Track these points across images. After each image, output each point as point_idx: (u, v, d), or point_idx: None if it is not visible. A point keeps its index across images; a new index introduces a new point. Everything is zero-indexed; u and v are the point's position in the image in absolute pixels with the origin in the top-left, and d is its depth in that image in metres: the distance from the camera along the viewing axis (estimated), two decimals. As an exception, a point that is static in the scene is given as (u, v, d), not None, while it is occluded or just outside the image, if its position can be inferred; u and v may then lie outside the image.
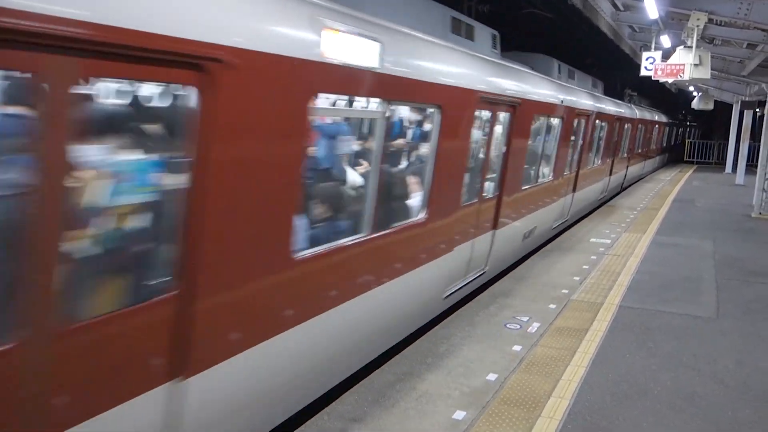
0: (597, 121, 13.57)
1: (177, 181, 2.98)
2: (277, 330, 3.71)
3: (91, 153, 2.67)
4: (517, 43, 11.27)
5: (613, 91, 19.36)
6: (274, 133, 3.49)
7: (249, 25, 3.26)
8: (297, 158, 3.73)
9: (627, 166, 20.01)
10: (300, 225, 3.96)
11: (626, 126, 18.25)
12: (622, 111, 17.56)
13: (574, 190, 12.37)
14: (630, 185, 21.45)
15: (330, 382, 4.65)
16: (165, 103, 3.20)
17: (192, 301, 3.03)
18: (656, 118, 26.48)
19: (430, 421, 4.51)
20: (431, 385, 5.08)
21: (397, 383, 5.10)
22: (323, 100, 4.31)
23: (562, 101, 10.04)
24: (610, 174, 16.94)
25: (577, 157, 12.31)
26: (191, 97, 2.93)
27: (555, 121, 10.31)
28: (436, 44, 5.78)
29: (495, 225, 7.63)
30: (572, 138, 11.60)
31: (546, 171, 10.26)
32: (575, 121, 11.50)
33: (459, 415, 4.62)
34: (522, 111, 7.81)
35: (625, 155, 19.31)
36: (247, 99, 3.22)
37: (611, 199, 17.39)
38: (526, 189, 8.84)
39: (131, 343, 2.84)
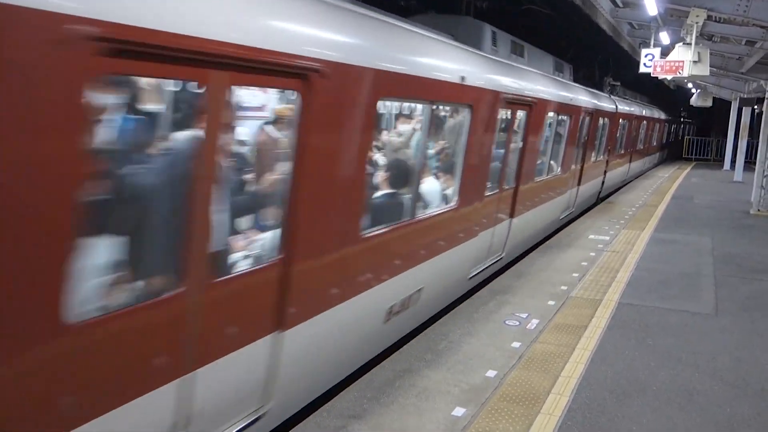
0: (552, 114, 10.07)
1: None
2: None
3: None
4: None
5: (592, 80, 17.00)
6: None
7: None
8: None
9: (604, 171, 16.38)
10: None
11: (602, 121, 14.73)
12: (597, 102, 13.86)
13: (511, 214, 8.41)
14: (610, 194, 17.90)
15: None
16: None
17: None
18: (644, 112, 22.86)
19: (430, 418, 4.51)
20: (430, 382, 5.08)
21: (397, 380, 5.10)
22: None
23: (463, 78, 6.07)
24: (579, 183, 13.17)
25: (516, 165, 8.47)
26: None
27: (457, 113, 6.73)
28: None
29: (281, 321, 3.83)
30: (500, 138, 7.63)
31: (448, 194, 6.38)
32: (506, 114, 7.70)
33: (458, 411, 4.62)
34: (330, 89, 3.99)
35: (602, 157, 15.70)
36: None
37: (582, 215, 14.07)
38: (383, 233, 5.02)
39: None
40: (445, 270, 6.39)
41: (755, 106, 22.49)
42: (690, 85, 26.06)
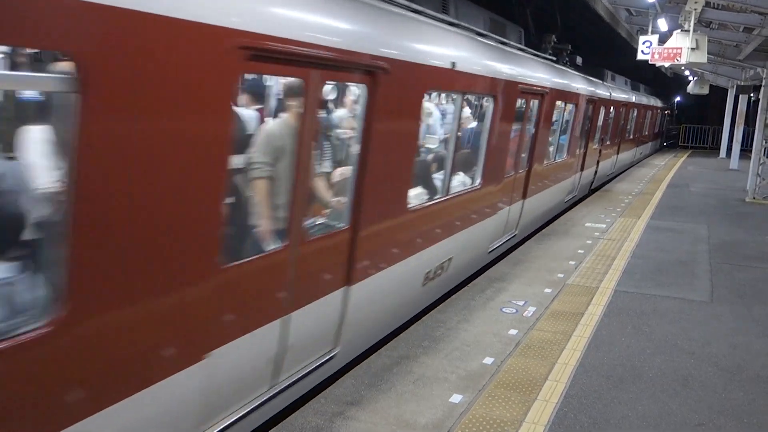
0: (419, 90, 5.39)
1: None
2: None
3: None
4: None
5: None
6: None
7: None
8: None
9: (522, 196, 9.23)
10: None
11: (530, 106, 8.94)
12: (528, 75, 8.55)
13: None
14: (533, 233, 10.52)
15: None
16: None
17: None
18: (609, 94, 15.26)
19: (427, 405, 4.53)
20: (428, 369, 5.10)
21: (394, 367, 5.11)
22: None
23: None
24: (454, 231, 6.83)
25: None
26: None
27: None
28: None
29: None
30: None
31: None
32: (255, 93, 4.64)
33: (456, 398, 4.64)
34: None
35: (519, 170, 8.95)
36: None
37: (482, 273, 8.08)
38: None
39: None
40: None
41: (752, 94, 22.49)
42: (687, 72, 26.02)
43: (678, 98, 41.20)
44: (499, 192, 7.98)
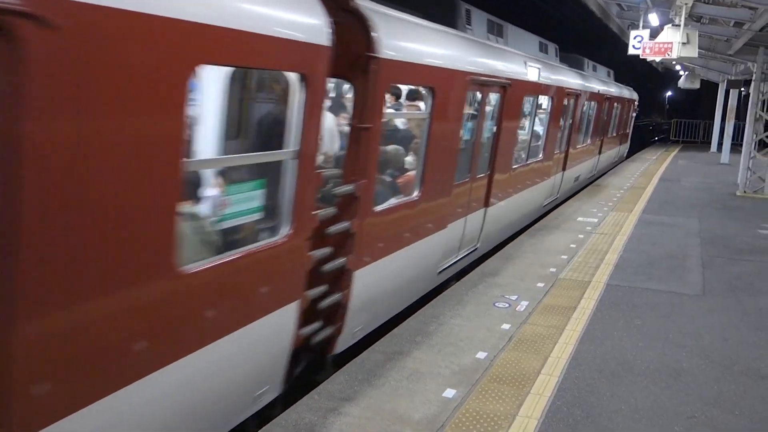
0: None
1: None
2: None
3: None
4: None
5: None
6: None
7: None
8: None
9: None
10: None
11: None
12: None
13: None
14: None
15: None
16: None
17: None
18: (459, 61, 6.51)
19: (421, 399, 4.54)
20: (421, 364, 5.10)
21: (387, 362, 5.11)
22: None
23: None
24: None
25: None
26: None
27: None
28: None
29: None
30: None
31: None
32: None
33: (449, 393, 4.64)
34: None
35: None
36: None
37: None
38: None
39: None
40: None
41: (742, 89, 22.61)
42: (678, 67, 26.13)
43: (669, 92, 41.36)
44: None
